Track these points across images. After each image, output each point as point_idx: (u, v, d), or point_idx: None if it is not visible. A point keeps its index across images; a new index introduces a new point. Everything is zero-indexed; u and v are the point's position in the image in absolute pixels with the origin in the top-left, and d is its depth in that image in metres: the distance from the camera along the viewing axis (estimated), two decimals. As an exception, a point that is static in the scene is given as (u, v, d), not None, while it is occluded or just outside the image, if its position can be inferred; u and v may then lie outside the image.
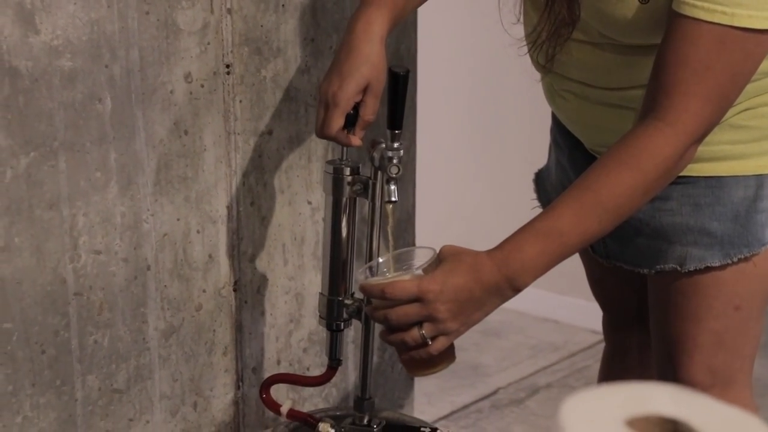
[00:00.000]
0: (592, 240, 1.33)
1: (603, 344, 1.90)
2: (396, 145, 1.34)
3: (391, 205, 1.38)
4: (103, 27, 1.45)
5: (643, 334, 1.73)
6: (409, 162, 1.95)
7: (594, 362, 3.03)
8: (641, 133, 1.27)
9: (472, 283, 1.25)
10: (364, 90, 1.35)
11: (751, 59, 1.26)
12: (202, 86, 1.58)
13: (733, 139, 1.43)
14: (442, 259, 1.30)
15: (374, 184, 1.40)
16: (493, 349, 3.08)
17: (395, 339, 1.27)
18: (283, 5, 1.67)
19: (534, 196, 1.79)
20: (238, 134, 1.65)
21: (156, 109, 1.53)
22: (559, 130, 1.68)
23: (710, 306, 1.51)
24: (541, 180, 1.78)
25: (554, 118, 1.71)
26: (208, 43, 1.58)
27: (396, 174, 1.35)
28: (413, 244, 2.04)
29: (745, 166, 1.45)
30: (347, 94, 1.34)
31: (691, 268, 1.49)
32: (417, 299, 1.24)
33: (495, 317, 1.44)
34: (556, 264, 1.30)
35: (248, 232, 1.70)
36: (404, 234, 2.00)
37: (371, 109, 1.37)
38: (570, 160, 1.65)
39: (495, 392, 2.84)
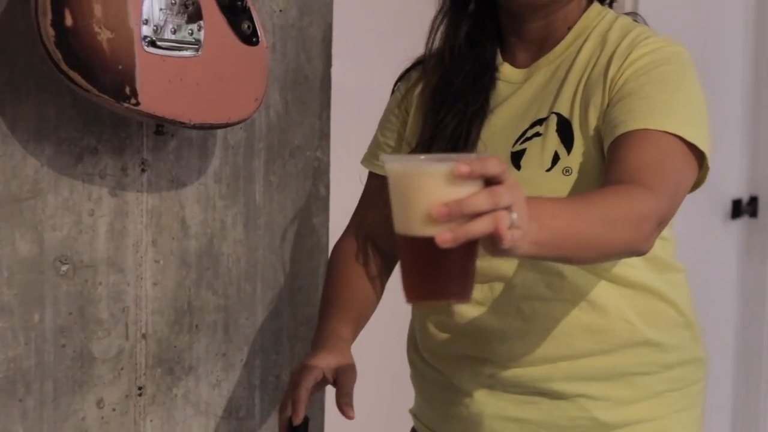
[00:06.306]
0: (581, 244, 1.17)
1: None
2: None
3: None
4: (20, 363, 1.49)
5: None
6: None
7: None
8: (631, 187, 1.25)
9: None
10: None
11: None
12: (114, 410, 1.63)
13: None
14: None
15: None
16: None
17: (476, 227, 0.96)
18: (196, 325, 1.74)
19: None
20: (148, 453, 1.69)
21: (67, 437, 1.57)
22: None
23: None
24: None
25: None
26: (122, 369, 1.63)
27: None
28: None
29: None
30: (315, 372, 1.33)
31: None
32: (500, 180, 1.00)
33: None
34: (561, 240, 1.12)
35: None
36: None
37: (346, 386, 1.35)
38: None
39: None
